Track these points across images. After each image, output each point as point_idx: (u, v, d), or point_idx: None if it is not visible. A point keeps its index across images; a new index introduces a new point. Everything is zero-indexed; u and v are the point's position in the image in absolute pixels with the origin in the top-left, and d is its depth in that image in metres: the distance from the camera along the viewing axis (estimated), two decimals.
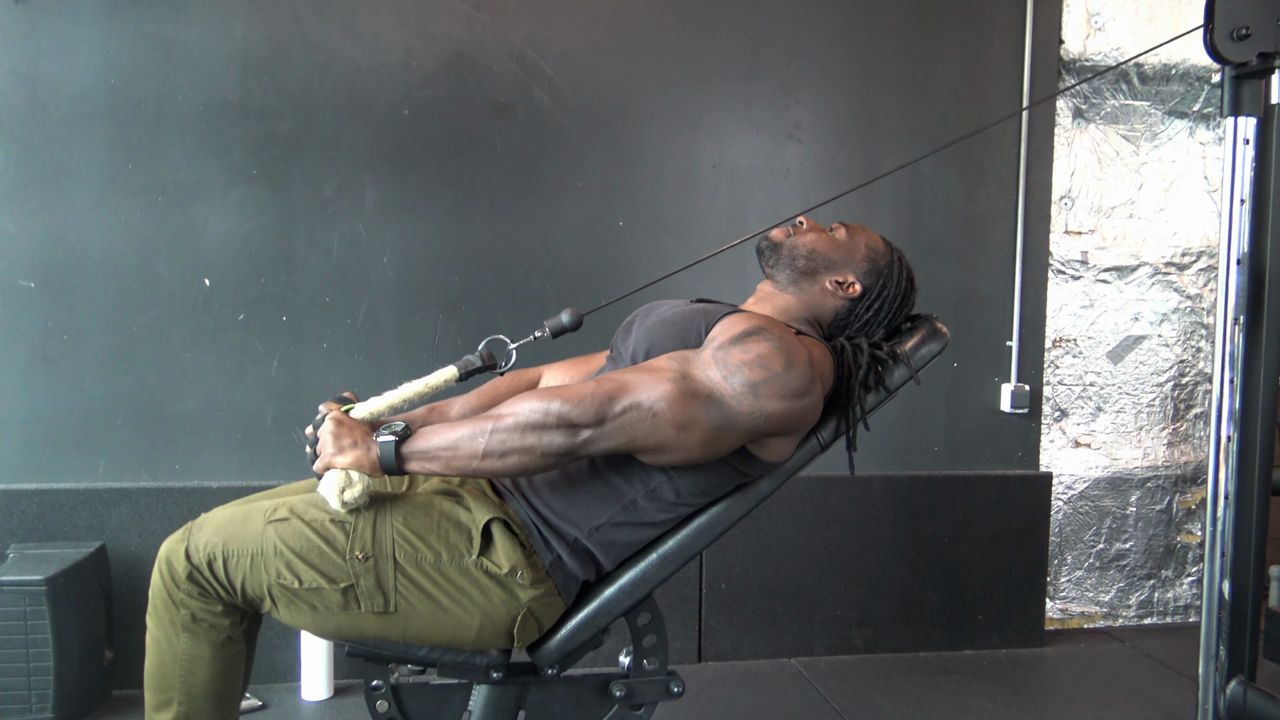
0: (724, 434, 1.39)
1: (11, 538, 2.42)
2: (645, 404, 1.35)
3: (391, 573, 1.41)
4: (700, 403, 1.36)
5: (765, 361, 1.39)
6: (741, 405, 1.37)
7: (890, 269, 1.63)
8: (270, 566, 1.39)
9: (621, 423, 1.35)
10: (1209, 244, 3.10)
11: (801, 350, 1.44)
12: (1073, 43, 2.95)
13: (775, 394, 1.39)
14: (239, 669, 1.49)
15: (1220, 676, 1.93)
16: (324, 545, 1.40)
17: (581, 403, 1.34)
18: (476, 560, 1.43)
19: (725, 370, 1.38)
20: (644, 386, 1.36)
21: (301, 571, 1.39)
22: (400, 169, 2.59)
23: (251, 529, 1.41)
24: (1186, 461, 3.16)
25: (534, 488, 1.51)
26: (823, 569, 2.84)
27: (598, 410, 1.34)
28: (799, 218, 1.67)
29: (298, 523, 1.41)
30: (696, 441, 1.37)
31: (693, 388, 1.37)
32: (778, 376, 1.39)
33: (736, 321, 1.46)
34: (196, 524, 1.45)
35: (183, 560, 1.40)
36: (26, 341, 2.46)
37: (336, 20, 2.54)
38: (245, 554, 1.40)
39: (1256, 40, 1.81)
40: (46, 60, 2.42)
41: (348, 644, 1.47)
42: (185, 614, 1.42)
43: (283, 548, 1.39)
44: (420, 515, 1.44)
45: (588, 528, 1.48)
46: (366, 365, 2.60)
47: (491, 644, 1.47)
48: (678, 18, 2.72)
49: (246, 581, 1.40)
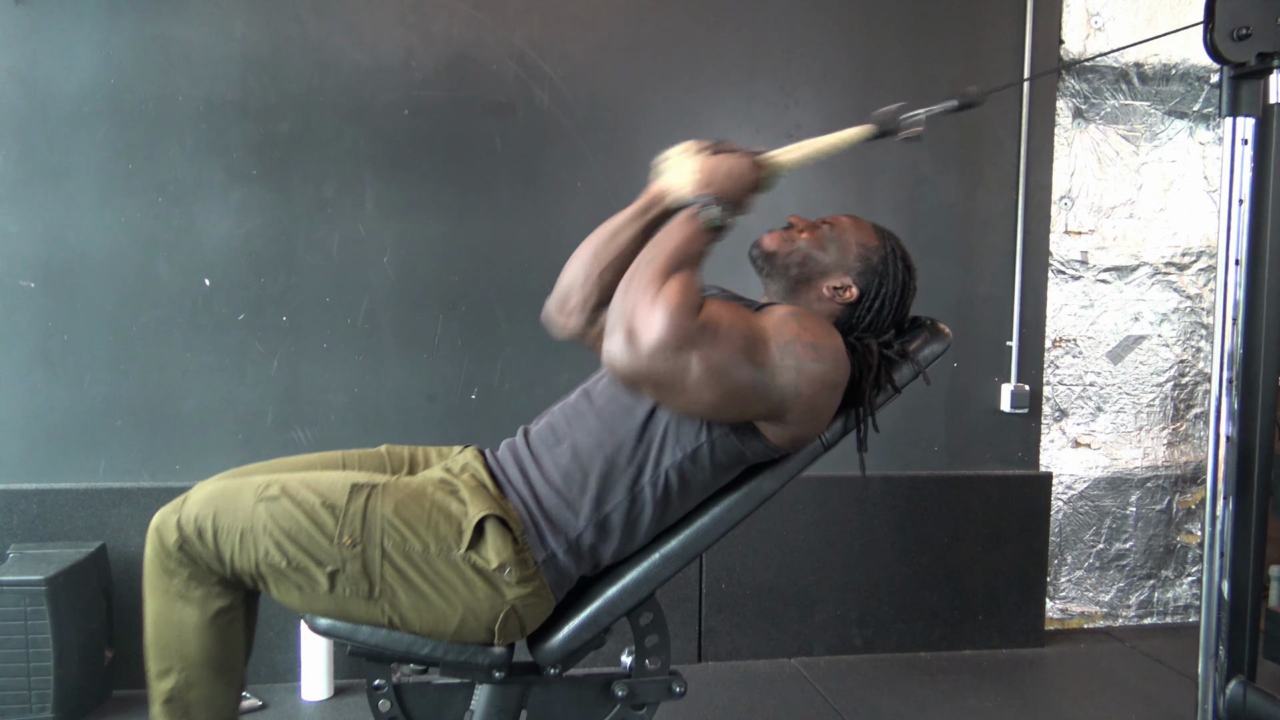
0: (751, 398, 1.40)
1: (11, 538, 2.42)
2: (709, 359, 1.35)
3: (378, 560, 1.41)
4: (750, 365, 1.38)
5: (818, 345, 1.41)
6: (784, 379, 1.39)
7: (885, 264, 1.59)
8: (259, 544, 1.40)
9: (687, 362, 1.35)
10: (1209, 244, 3.10)
11: (841, 346, 1.45)
12: (1073, 43, 2.95)
13: (812, 378, 1.40)
14: (238, 635, 1.49)
15: (1220, 676, 1.93)
16: (313, 528, 1.40)
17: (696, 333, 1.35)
18: (465, 554, 1.43)
19: (781, 340, 1.40)
20: (718, 341, 1.36)
21: (289, 551, 1.39)
22: (400, 169, 2.59)
23: (242, 504, 1.41)
24: (1186, 461, 3.16)
25: (543, 474, 1.51)
26: (823, 569, 2.84)
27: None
28: (789, 218, 1.65)
29: (288, 503, 1.41)
30: (714, 396, 1.38)
31: (751, 352, 1.38)
32: (823, 362, 1.41)
33: (793, 307, 1.48)
34: (187, 495, 1.45)
35: (173, 530, 1.41)
36: (26, 341, 2.46)
37: (336, 20, 2.54)
38: (235, 529, 1.40)
39: (1256, 40, 1.81)
40: (46, 60, 2.42)
41: (350, 643, 1.47)
42: (178, 582, 1.43)
43: (272, 526, 1.40)
44: (412, 505, 1.44)
45: (592, 514, 1.48)
46: (366, 365, 2.60)
47: (471, 638, 1.47)
48: (677, 18, 2.72)
49: (235, 555, 1.40)
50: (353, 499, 1.42)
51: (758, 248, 1.63)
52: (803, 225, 1.63)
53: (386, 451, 1.69)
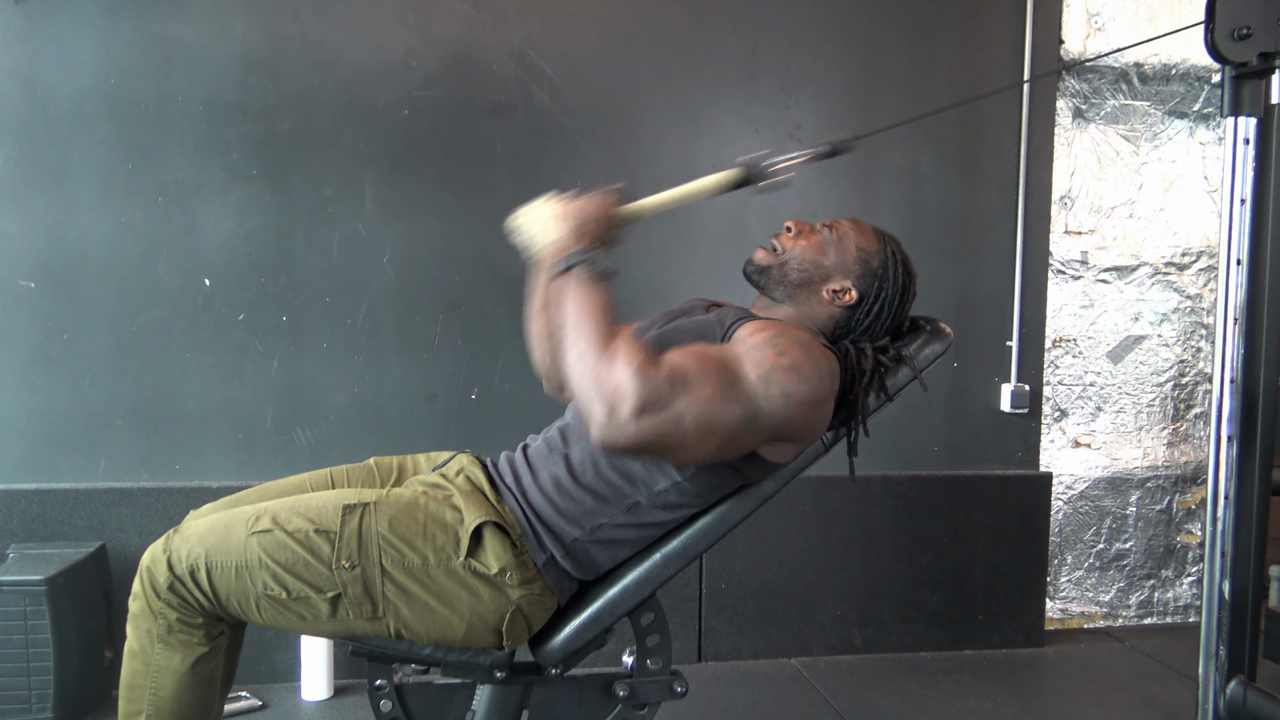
0: (746, 434, 1.36)
1: (11, 538, 2.42)
2: (686, 412, 1.29)
3: (379, 579, 1.40)
4: (736, 404, 1.33)
5: (797, 366, 1.36)
6: (772, 408, 1.34)
7: (885, 267, 1.58)
8: (256, 579, 1.38)
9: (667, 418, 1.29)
10: (1209, 244, 3.10)
11: (824, 360, 1.42)
12: (1073, 43, 2.95)
13: (801, 401, 1.37)
14: (213, 688, 1.47)
15: (1220, 676, 1.93)
16: (309, 556, 1.39)
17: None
18: (464, 562, 1.42)
19: (760, 369, 1.35)
20: (692, 388, 1.30)
21: (288, 583, 1.38)
22: (400, 169, 2.59)
23: (234, 539, 1.40)
24: (1186, 461, 3.16)
25: (538, 484, 1.50)
26: (823, 569, 2.84)
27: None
28: (787, 223, 1.63)
29: (280, 534, 1.39)
30: (714, 444, 1.33)
31: (732, 391, 1.33)
32: (807, 382, 1.37)
33: (769, 323, 1.44)
34: (178, 531, 1.43)
35: (164, 570, 1.39)
36: (26, 341, 2.45)
37: (336, 20, 2.54)
38: (229, 565, 1.38)
39: (1257, 40, 1.81)
40: (46, 60, 2.42)
41: (351, 644, 1.47)
42: (162, 624, 1.41)
43: (267, 560, 1.38)
44: (406, 519, 1.44)
45: (589, 527, 1.48)
46: (366, 365, 2.60)
47: (480, 642, 1.47)
48: (678, 18, 2.72)
49: (231, 593, 1.39)
50: (346, 521, 1.41)
51: (751, 264, 1.62)
52: (801, 229, 1.61)
53: (375, 464, 1.68)
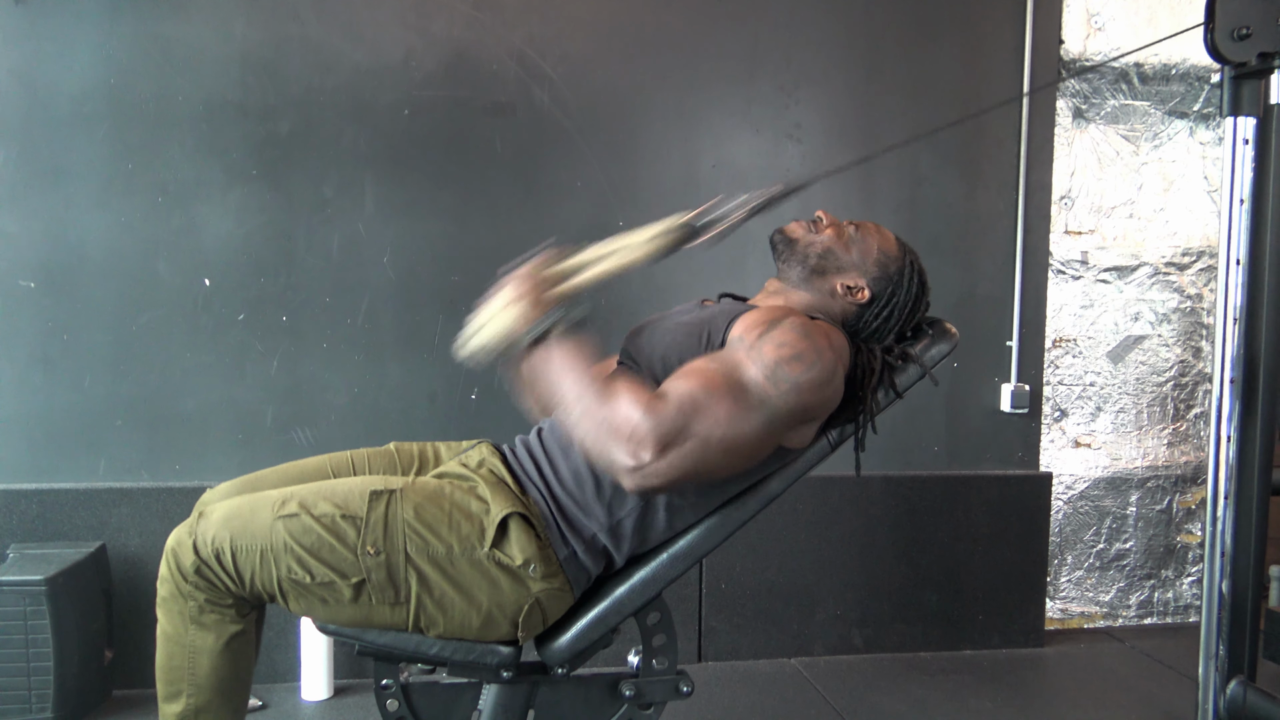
0: (769, 435, 1.40)
1: (11, 538, 2.41)
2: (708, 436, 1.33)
3: (403, 566, 1.41)
4: (751, 410, 1.37)
5: (799, 354, 1.39)
6: (787, 402, 1.38)
7: (901, 275, 1.61)
8: (281, 562, 1.39)
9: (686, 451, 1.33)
10: (1209, 244, 3.11)
11: (822, 336, 1.44)
12: (1073, 43, 2.95)
13: (812, 385, 1.40)
14: (247, 659, 1.49)
15: (1220, 676, 1.94)
16: (335, 541, 1.39)
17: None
18: (489, 552, 1.43)
19: (764, 368, 1.38)
20: (705, 410, 1.33)
21: (313, 567, 1.39)
22: (400, 169, 2.59)
23: (260, 522, 1.40)
24: (1186, 461, 3.16)
25: (559, 478, 1.51)
26: (823, 569, 2.84)
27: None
28: (817, 212, 1.65)
29: (307, 518, 1.40)
30: (744, 456, 1.39)
31: (744, 399, 1.36)
32: (813, 366, 1.39)
33: (759, 315, 1.46)
34: (203, 512, 1.44)
35: (190, 553, 1.40)
36: (26, 341, 2.45)
37: (337, 20, 2.54)
38: (254, 549, 1.39)
39: (1257, 40, 1.82)
40: (46, 60, 2.41)
41: (358, 643, 1.47)
42: (193, 605, 1.42)
43: (293, 544, 1.39)
44: (431, 507, 1.44)
45: (609, 521, 1.48)
46: (366, 365, 2.60)
47: (495, 633, 1.47)
48: (677, 18, 2.72)
49: (256, 575, 1.40)
50: (373, 507, 1.42)
51: (780, 233, 1.64)
52: (830, 221, 1.64)
53: (395, 449, 1.69)
